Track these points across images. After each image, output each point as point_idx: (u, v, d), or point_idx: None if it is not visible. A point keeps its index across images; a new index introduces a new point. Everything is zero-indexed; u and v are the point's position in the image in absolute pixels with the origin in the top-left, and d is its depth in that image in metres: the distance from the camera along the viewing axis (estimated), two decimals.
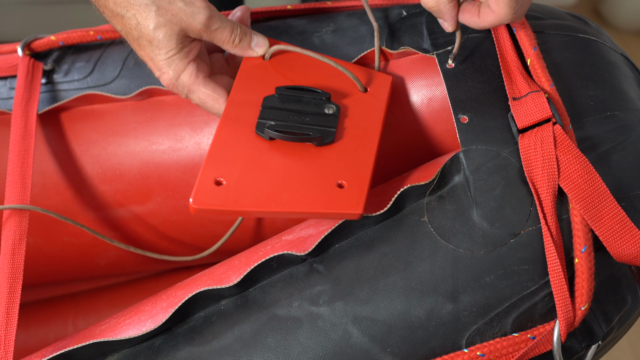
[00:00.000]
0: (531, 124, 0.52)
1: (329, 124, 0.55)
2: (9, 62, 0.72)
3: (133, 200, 0.71)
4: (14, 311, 0.56)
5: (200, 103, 0.58)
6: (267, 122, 0.55)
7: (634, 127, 0.54)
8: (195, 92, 0.57)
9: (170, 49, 0.56)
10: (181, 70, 0.57)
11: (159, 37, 0.55)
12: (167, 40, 0.55)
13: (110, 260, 0.76)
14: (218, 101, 0.57)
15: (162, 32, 0.55)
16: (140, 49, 0.57)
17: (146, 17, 0.55)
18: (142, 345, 0.54)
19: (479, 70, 0.57)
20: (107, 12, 0.57)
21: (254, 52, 0.59)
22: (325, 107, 0.56)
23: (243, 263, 0.55)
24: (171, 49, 0.56)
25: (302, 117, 0.55)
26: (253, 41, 0.59)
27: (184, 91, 0.58)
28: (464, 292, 0.50)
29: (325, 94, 0.57)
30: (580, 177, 0.50)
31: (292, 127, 0.55)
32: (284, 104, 0.56)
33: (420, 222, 0.52)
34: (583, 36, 0.60)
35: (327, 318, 0.51)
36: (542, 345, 0.50)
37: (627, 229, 0.50)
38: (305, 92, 0.57)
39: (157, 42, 0.55)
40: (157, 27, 0.55)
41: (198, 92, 0.57)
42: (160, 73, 0.57)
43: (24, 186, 0.63)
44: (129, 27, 0.56)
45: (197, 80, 0.57)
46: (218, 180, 0.53)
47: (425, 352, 0.50)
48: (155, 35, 0.55)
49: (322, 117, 0.56)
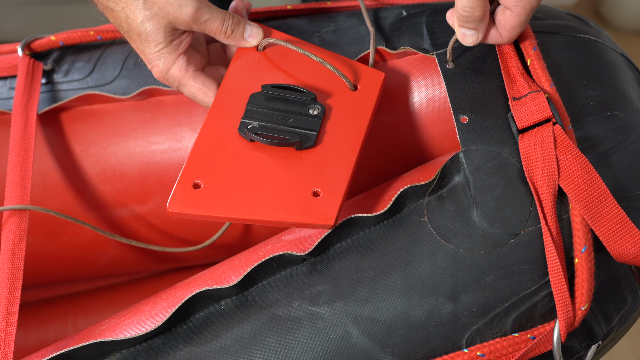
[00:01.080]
0: (531, 124, 0.52)
1: (311, 127, 0.55)
2: (9, 62, 0.72)
3: (133, 200, 0.71)
4: (14, 311, 0.56)
5: (191, 96, 0.58)
6: (250, 122, 0.55)
7: (634, 127, 0.54)
8: (186, 86, 0.58)
9: (158, 42, 0.56)
10: (171, 64, 0.57)
11: (147, 29, 0.55)
12: (155, 33, 0.55)
13: (110, 260, 0.76)
14: (207, 95, 0.57)
15: (150, 25, 0.55)
16: (131, 42, 0.57)
17: (134, 10, 0.55)
18: (142, 345, 0.54)
19: (479, 70, 0.57)
20: (99, 5, 0.57)
21: (247, 43, 0.59)
22: (310, 107, 0.56)
23: (243, 263, 0.55)
24: (160, 42, 0.56)
25: (286, 118, 0.55)
26: (247, 31, 0.59)
27: (174, 84, 0.58)
28: (464, 292, 0.50)
29: (310, 94, 0.56)
30: (580, 177, 0.50)
31: (274, 129, 0.55)
32: (269, 102, 0.56)
33: (420, 222, 0.52)
34: (583, 36, 0.60)
35: (327, 318, 0.51)
36: (542, 345, 0.50)
37: (627, 229, 0.50)
38: (291, 92, 0.57)
39: (145, 35, 0.55)
40: (144, 20, 0.55)
41: (188, 86, 0.58)
42: (151, 65, 0.58)
43: (24, 186, 0.63)
44: (119, 21, 0.56)
45: (187, 73, 0.57)
46: (196, 183, 0.53)
47: (425, 352, 0.50)
48: (143, 29, 0.55)
49: (306, 118, 0.55)
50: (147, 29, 0.55)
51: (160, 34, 0.56)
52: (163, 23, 0.55)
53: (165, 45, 0.56)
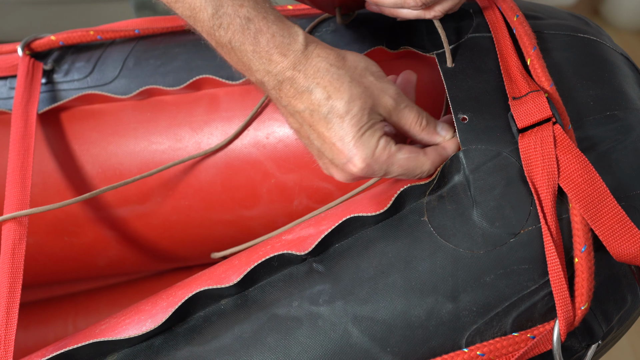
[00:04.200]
0: (531, 124, 0.52)
1: None
2: (9, 62, 0.72)
3: (133, 200, 0.71)
4: (14, 311, 0.56)
5: (405, 173, 0.51)
6: None
7: (634, 126, 0.54)
8: (394, 165, 0.50)
9: (362, 124, 0.49)
10: (374, 147, 0.49)
11: (354, 110, 0.48)
12: (361, 114, 0.49)
13: (110, 260, 0.76)
14: (418, 158, 0.51)
15: (357, 105, 0.48)
16: (326, 130, 0.49)
17: (339, 88, 0.48)
18: (142, 345, 0.54)
19: (479, 70, 0.57)
20: (291, 91, 0.49)
21: (440, 138, 0.53)
22: None
23: (243, 263, 0.55)
24: (363, 124, 0.49)
25: None
26: (438, 125, 0.53)
27: (382, 168, 0.50)
28: (464, 292, 0.50)
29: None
30: (580, 176, 0.50)
31: None
32: None
33: (420, 221, 0.52)
34: (583, 36, 0.60)
35: (327, 318, 0.51)
36: (542, 344, 0.50)
37: (627, 229, 0.50)
38: None
39: (350, 116, 0.48)
40: (351, 100, 0.48)
41: (396, 163, 0.50)
42: (350, 155, 0.49)
43: (24, 186, 0.63)
44: (316, 104, 0.48)
45: (392, 150, 0.50)
46: None
47: (425, 351, 0.50)
48: (349, 108, 0.48)
49: None
50: (354, 109, 0.48)
51: (365, 116, 0.49)
52: (369, 104, 0.49)
53: (368, 129, 0.49)
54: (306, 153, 0.66)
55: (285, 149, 0.68)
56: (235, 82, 0.68)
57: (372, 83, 0.50)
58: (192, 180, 0.69)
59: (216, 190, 0.70)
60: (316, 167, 0.54)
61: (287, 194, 0.69)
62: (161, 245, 0.74)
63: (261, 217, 0.71)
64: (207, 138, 0.68)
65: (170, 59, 0.71)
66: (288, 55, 0.48)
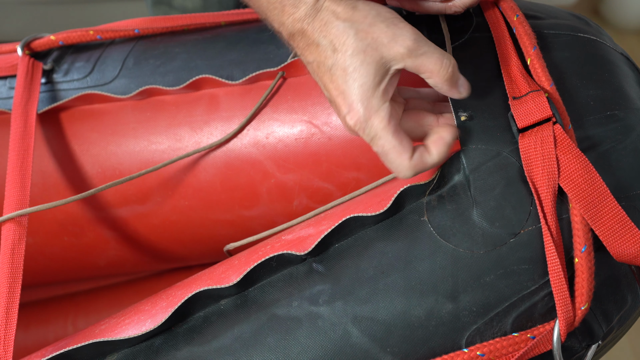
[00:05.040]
0: (531, 124, 0.52)
1: None
2: (9, 61, 0.72)
3: (133, 200, 0.71)
4: (14, 311, 0.56)
5: (381, 152, 0.50)
6: None
7: (634, 126, 0.54)
8: (381, 139, 0.49)
9: (365, 80, 0.48)
10: (374, 111, 0.49)
11: (356, 64, 0.48)
12: (364, 68, 0.48)
13: (110, 260, 0.76)
14: (401, 156, 0.50)
15: (360, 59, 0.48)
16: (330, 82, 0.50)
17: (344, 41, 0.48)
18: (142, 345, 0.54)
19: (479, 70, 0.57)
20: (301, 43, 0.50)
21: (458, 93, 0.52)
22: None
23: (243, 263, 0.55)
24: (366, 80, 0.48)
25: None
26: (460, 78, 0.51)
27: (370, 134, 0.50)
28: (464, 292, 0.50)
29: None
30: (580, 176, 0.50)
31: None
32: None
33: (420, 221, 0.52)
34: (583, 36, 0.60)
35: (327, 318, 0.51)
36: (542, 345, 0.50)
37: (627, 229, 0.49)
38: None
39: (352, 70, 0.48)
40: (355, 54, 0.48)
41: (384, 140, 0.49)
42: (348, 110, 0.49)
43: (23, 186, 0.63)
44: (324, 56, 0.49)
45: (389, 126, 0.49)
46: None
47: (425, 351, 0.50)
48: (351, 62, 0.48)
49: None
50: (356, 63, 0.48)
51: (370, 71, 0.48)
52: (375, 57, 0.48)
53: (372, 87, 0.48)
54: (306, 153, 0.66)
55: (285, 149, 0.67)
56: (235, 82, 0.68)
57: (383, 32, 0.48)
58: (192, 180, 0.69)
59: (216, 190, 0.69)
60: (316, 167, 0.54)
61: (287, 194, 0.69)
62: (161, 245, 0.74)
63: (261, 217, 0.70)
64: (206, 138, 0.68)
65: (169, 58, 0.71)
66: (299, 7, 0.49)
